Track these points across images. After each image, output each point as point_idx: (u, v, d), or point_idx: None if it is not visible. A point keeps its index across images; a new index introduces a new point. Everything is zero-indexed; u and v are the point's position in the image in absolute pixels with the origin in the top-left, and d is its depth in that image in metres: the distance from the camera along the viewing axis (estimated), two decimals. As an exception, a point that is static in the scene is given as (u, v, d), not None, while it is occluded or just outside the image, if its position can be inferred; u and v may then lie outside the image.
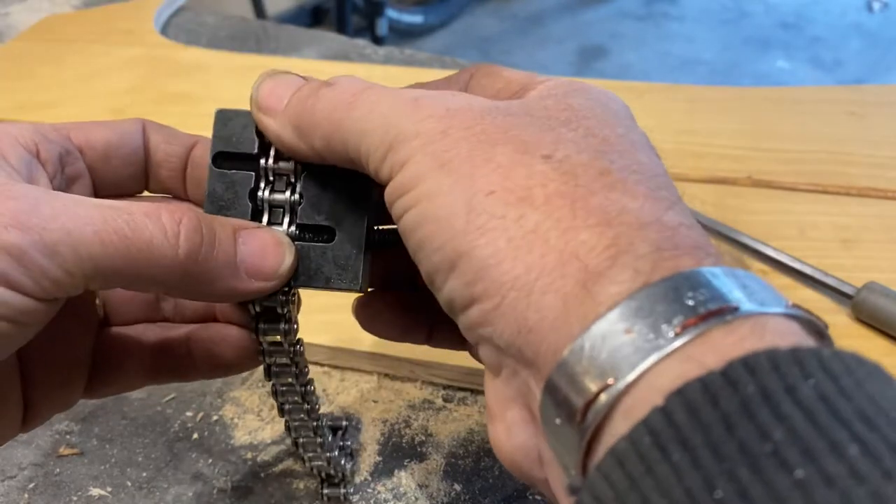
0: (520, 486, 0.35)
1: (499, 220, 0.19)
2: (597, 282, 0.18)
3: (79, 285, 0.20)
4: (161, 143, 0.27)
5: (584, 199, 0.19)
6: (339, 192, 0.24)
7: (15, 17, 0.83)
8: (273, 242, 0.23)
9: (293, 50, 0.75)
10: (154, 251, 0.20)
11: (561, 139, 0.21)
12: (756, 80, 2.13)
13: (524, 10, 2.58)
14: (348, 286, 0.24)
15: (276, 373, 0.27)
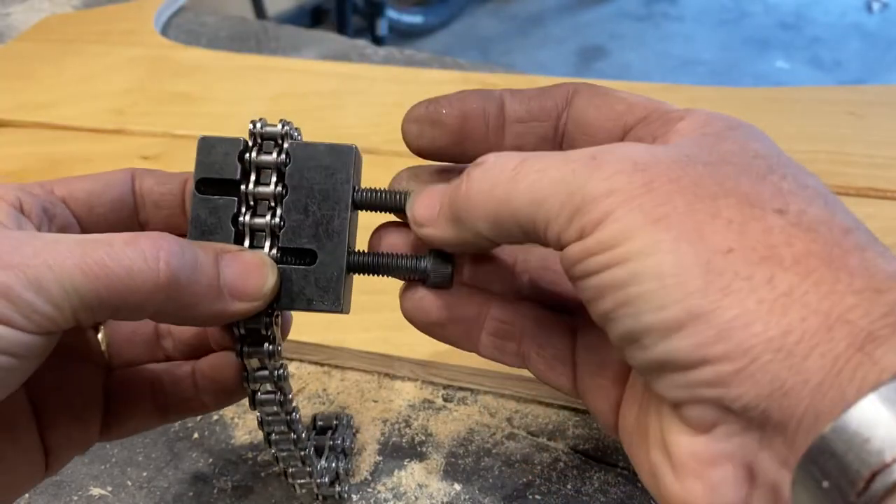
0: (520, 486, 0.35)
1: (744, 280, 0.18)
2: (879, 346, 0.17)
3: (68, 318, 0.20)
4: (154, 186, 0.27)
5: (842, 260, 0.19)
6: (319, 216, 0.25)
7: (15, 17, 0.83)
8: (255, 263, 0.24)
9: (293, 50, 0.75)
10: (135, 277, 0.21)
11: (782, 190, 0.20)
12: (756, 81, 2.13)
13: (524, 11, 2.58)
14: (330, 308, 0.25)
15: (262, 401, 0.27)
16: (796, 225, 0.19)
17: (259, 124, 0.25)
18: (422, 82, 0.63)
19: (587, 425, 0.37)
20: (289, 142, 0.25)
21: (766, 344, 0.18)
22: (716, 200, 0.20)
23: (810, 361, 0.18)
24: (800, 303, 0.18)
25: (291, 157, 0.25)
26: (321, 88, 0.63)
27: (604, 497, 0.34)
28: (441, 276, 0.26)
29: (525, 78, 0.63)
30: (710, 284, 0.19)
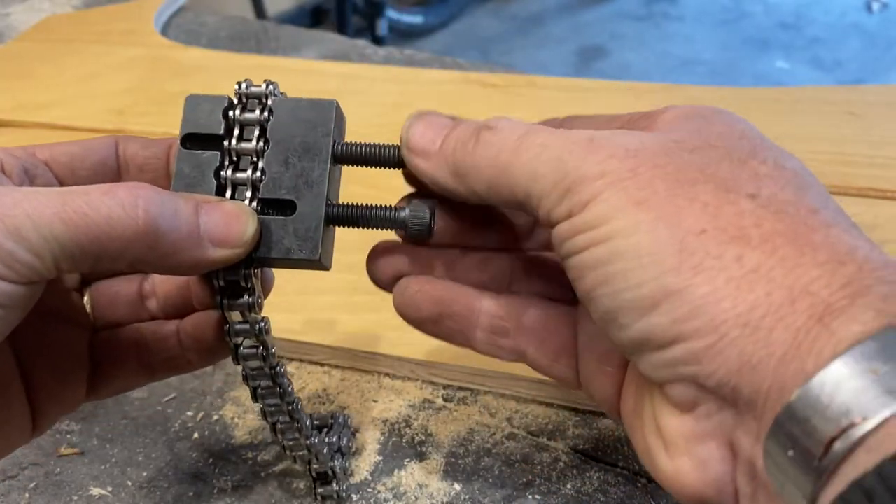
0: (520, 486, 0.35)
1: (715, 259, 0.19)
2: (836, 318, 0.18)
3: (50, 267, 0.21)
4: (139, 150, 0.27)
5: (807, 237, 0.19)
6: (300, 168, 0.25)
7: (15, 17, 0.83)
8: (235, 212, 0.24)
9: (293, 50, 0.75)
10: (114, 224, 0.21)
11: (759, 174, 0.21)
12: (755, 81, 2.13)
13: (524, 11, 2.58)
14: (307, 256, 0.25)
15: (244, 355, 0.27)
16: (766, 207, 0.20)
17: (244, 85, 0.26)
18: (422, 82, 0.63)
19: (587, 425, 0.37)
20: (272, 98, 0.26)
21: (734, 319, 0.19)
22: (695, 185, 0.21)
23: (775, 335, 0.18)
24: (766, 278, 0.19)
25: (274, 112, 0.26)
26: (321, 88, 0.63)
27: (604, 497, 0.34)
28: (419, 224, 0.26)
29: (525, 78, 0.63)
30: (683, 263, 0.19)
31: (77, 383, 0.28)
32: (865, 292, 0.18)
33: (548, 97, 0.60)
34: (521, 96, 0.61)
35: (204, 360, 0.29)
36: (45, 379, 0.27)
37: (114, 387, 0.29)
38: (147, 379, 0.30)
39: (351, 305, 0.42)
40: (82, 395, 0.28)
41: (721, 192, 0.20)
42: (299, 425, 0.31)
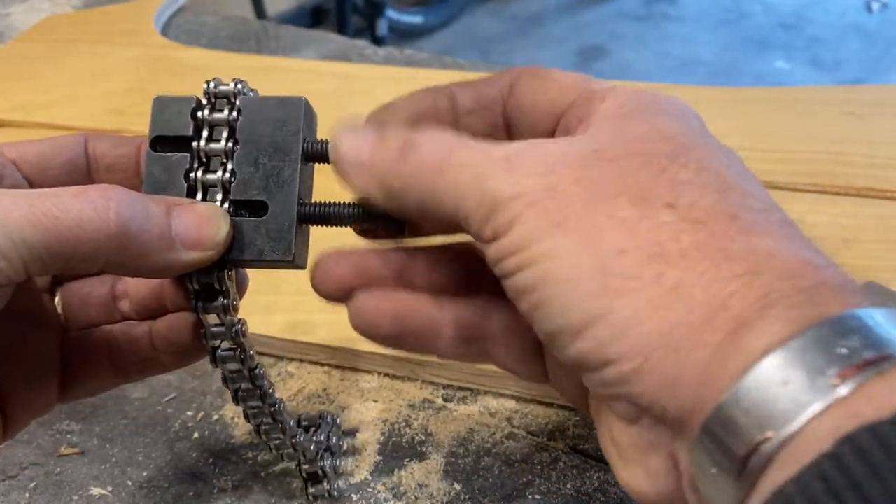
0: (519, 486, 0.35)
1: (635, 280, 0.19)
2: (746, 333, 0.17)
3: (18, 270, 0.20)
4: (108, 150, 0.27)
5: (725, 250, 0.19)
6: (270, 167, 0.25)
7: (15, 17, 0.83)
8: (207, 214, 0.24)
9: (293, 50, 0.75)
10: (85, 226, 0.21)
11: (678, 181, 0.20)
12: (755, 81, 2.13)
13: (524, 11, 2.58)
14: (280, 257, 0.24)
15: (222, 357, 0.27)
16: (685, 219, 0.20)
17: (213, 84, 0.26)
18: (422, 82, 0.63)
19: (587, 425, 0.37)
20: (240, 97, 0.26)
21: (657, 341, 0.18)
22: (614, 200, 0.20)
23: (694, 355, 0.18)
24: (686, 296, 0.18)
25: (242, 112, 0.25)
26: (321, 88, 0.63)
27: (604, 497, 0.34)
28: (391, 220, 0.25)
29: (525, 78, 0.63)
30: (604, 287, 0.19)
31: (48, 386, 0.27)
32: (776, 303, 0.18)
33: (548, 97, 0.60)
34: (520, 96, 0.61)
35: (178, 361, 0.29)
36: (14, 383, 0.26)
37: (86, 388, 0.29)
38: (120, 380, 0.29)
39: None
40: (54, 398, 0.28)
41: (639, 205, 0.20)
42: (283, 426, 0.30)
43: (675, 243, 0.19)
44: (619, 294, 0.19)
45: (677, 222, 0.20)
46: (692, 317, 0.18)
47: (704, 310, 0.18)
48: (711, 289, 0.18)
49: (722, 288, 0.18)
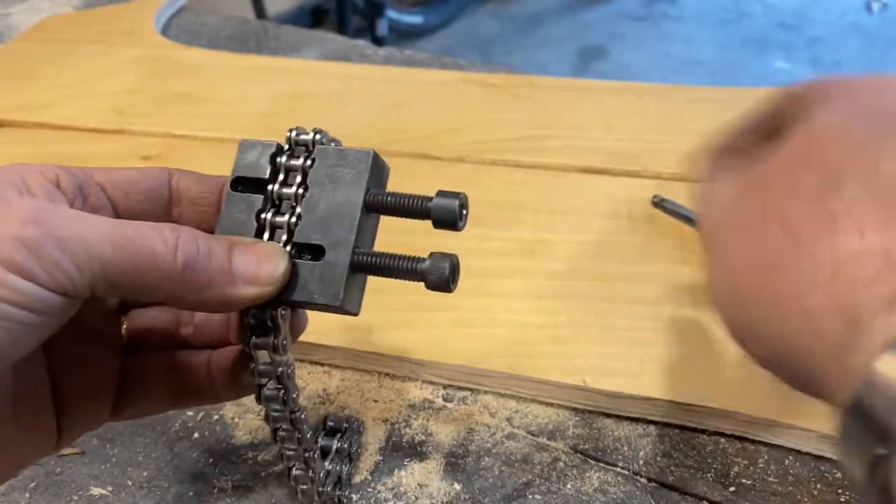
0: (519, 486, 0.35)
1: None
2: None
3: (87, 283, 0.21)
4: (192, 185, 0.29)
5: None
6: (334, 216, 0.26)
7: (16, 17, 0.83)
8: (267, 252, 0.25)
9: (293, 50, 0.75)
10: (156, 257, 0.22)
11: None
12: (755, 81, 2.13)
13: (524, 11, 2.58)
14: (328, 301, 0.25)
15: (267, 396, 0.28)
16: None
17: (295, 132, 0.27)
18: (422, 82, 0.63)
19: (587, 425, 0.37)
20: (317, 146, 0.27)
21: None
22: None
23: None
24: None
25: (317, 160, 0.27)
26: (321, 89, 0.63)
27: (604, 497, 0.34)
28: (439, 277, 0.26)
29: (525, 78, 0.63)
30: None
31: (103, 402, 0.28)
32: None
33: (547, 97, 0.60)
34: (520, 96, 0.61)
35: (231, 393, 0.30)
36: (74, 394, 0.27)
37: (138, 409, 0.30)
38: (171, 405, 0.30)
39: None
40: (107, 415, 0.29)
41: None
42: (312, 475, 0.31)
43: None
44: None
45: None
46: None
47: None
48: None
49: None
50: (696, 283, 0.43)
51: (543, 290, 0.43)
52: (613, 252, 0.45)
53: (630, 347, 0.39)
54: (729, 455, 0.36)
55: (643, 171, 0.52)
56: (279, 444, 0.30)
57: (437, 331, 0.41)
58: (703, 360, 0.38)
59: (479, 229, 0.47)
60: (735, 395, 0.36)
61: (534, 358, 0.39)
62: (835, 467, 0.35)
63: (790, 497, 0.34)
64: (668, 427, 0.37)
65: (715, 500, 0.34)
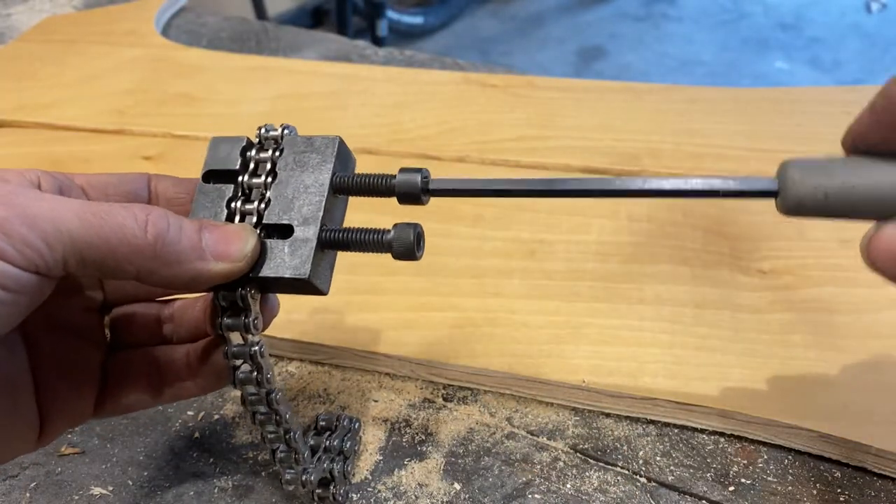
0: (519, 485, 0.35)
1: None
2: None
3: (58, 259, 0.22)
4: (169, 187, 0.30)
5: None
6: (301, 198, 0.27)
7: (16, 17, 0.83)
8: (236, 230, 0.26)
9: (294, 51, 0.75)
10: (126, 232, 0.23)
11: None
12: (755, 81, 2.13)
13: (524, 11, 2.58)
14: (296, 274, 0.26)
15: (242, 379, 0.28)
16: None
17: (264, 129, 0.29)
18: (422, 83, 0.63)
19: (587, 425, 0.37)
20: (286, 138, 0.29)
21: None
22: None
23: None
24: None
25: (285, 149, 0.28)
26: (322, 89, 0.63)
27: (603, 496, 0.34)
28: (404, 246, 0.27)
29: (525, 78, 0.63)
30: None
31: (86, 398, 0.29)
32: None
33: (547, 97, 0.61)
34: (520, 97, 0.61)
35: (210, 384, 0.30)
36: (56, 390, 0.28)
37: (121, 405, 0.30)
38: (154, 401, 0.31)
39: (351, 305, 0.42)
40: (90, 411, 0.29)
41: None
42: (297, 456, 0.31)
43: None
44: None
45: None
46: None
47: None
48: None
49: None
50: (695, 283, 0.43)
51: (543, 290, 0.43)
52: (613, 252, 0.45)
53: (630, 347, 0.39)
54: (728, 455, 0.36)
55: (643, 172, 0.52)
56: (260, 427, 0.30)
57: (437, 331, 0.41)
58: (703, 359, 0.38)
59: (479, 229, 0.47)
60: (735, 395, 0.36)
61: (534, 358, 0.39)
62: (834, 467, 0.35)
63: (790, 497, 0.34)
64: (668, 427, 0.37)
65: (714, 499, 0.34)
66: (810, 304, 0.41)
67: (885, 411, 0.35)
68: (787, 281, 0.43)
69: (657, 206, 0.49)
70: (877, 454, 0.34)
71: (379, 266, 0.44)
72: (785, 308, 0.41)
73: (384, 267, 0.45)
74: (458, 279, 0.44)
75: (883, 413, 0.35)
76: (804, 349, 0.39)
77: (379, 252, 0.28)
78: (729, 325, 0.40)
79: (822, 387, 0.37)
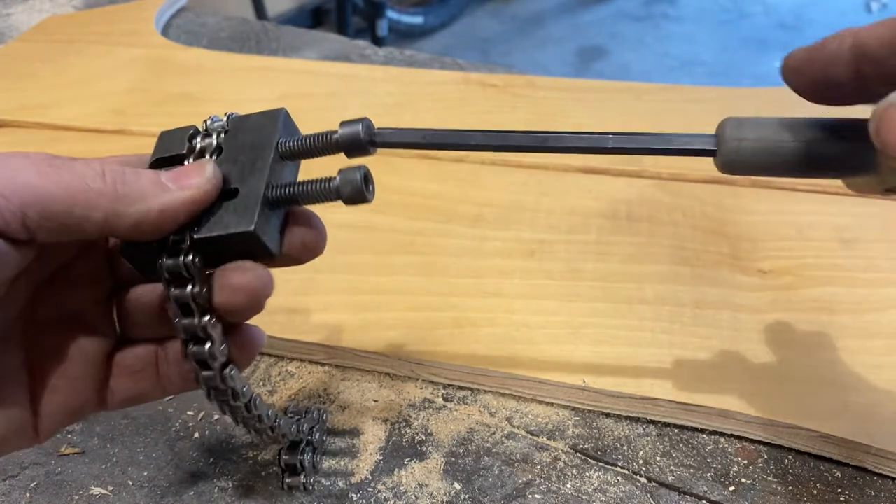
0: (519, 486, 0.35)
1: None
2: None
3: (17, 213, 0.21)
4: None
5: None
6: (246, 161, 0.27)
7: (16, 17, 0.83)
8: (192, 164, 0.26)
9: (293, 51, 0.75)
10: (86, 179, 0.23)
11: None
12: (755, 81, 2.13)
13: (524, 11, 2.58)
14: (243, 228, 0.25)
15: (195, 354, 0.26)
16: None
17: (210, 121, 0.29)
18: (422, 83, 0.63)
19: (587, 425, 0.37)
20: (230, 119, 0.29)
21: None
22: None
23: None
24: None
25: (230, 127, 0.28)
26: (322, 89, 0.63)
27: (603, 497, 0.34)
28: (353, 187, 0.26)
29: (525, 78, 0.63)
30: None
31: (88, 392, 0.28)
32: None
33: (547, 97, 0.61)
34: (520, 97, 0.61)
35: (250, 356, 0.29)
36: (55, 386, 0.27)
37: (124, 400, 0.29)
38: (160, 393, 0.30)
39: (351, 305, 0.42)
40: (92, 405, 0.28)
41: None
42: (260, 416, 0.30)
43: None
44: None
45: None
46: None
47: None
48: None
49: None
50: (695, 283, 0.43)
51: (543, 290, 0.43)
52: (613, 252, 0.45)
53: (630, 347, 0.39)
54: (729, 455, 0.36)
55: (643, 171, 0.52)
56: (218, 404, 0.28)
57: (437, 331, 0.41)
58: (703, 359, 0.38)
59: (479, 229, 0.47)
60: (735, 396, 0.36)
61: (534, 358, 0.39)
62: (835, 467, 0.35)
63: (790, 497, 0.34)
64: (668, 427, 0.37)
65: (715, 499, 0.34)
66: (810, 304, 0.41)
67: (886, 411, 0.35)
68: (787, 281, 0.43)
69: (657, 206, 0.49)
70: (877, 454, 0.34)
71: (379, 266, 0.44)
72: (785, 308, 0.41)
73: (384, 267, 0.45)
74: (458, 279, 0.44)
75: (883, 413, 0.35)
76: (804, 349, 0.39)
77: (328, 200, 0.27)
78: (729, 325, 0.40)
79: (822, 387, 0.37)
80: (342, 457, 0.36)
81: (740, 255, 0.45)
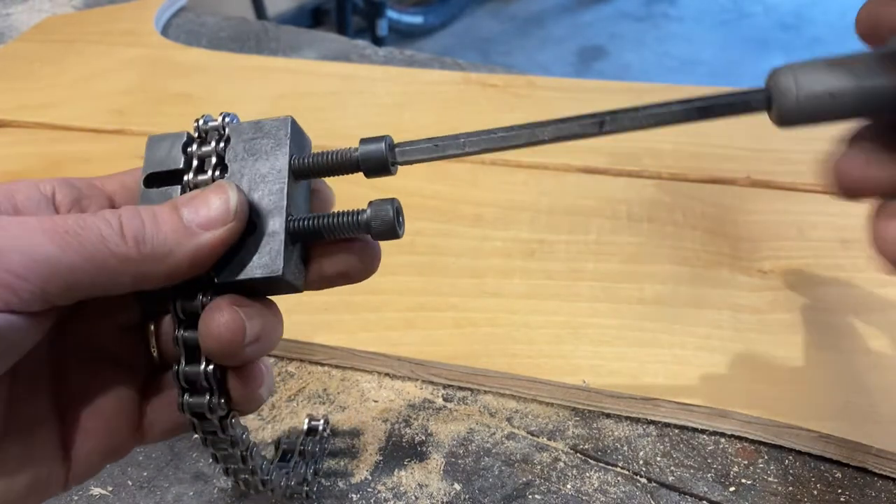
0: (519, 486, 0.35)
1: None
2: None
3: (35, 291, 0.20)
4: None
5: None
6: (259, 189, 0.24)
7: (16, 17, 0.83)
8: (212, 189, 0.23)
9: (293, 50, 0.75)
10: (106, 241, 0.21)
11: None
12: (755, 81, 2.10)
13: (524, 11, 2.58)
14: (269, 273, 0.23)
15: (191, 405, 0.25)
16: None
17: (202, 121, 0.26)
18: (422, 83, 0.63)
19: (587, 425, 0.37)
20: (229, 126, 0.25)
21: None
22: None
23: None
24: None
25: (232, 138, 0.25)
26: (321, 89, 0.63)
27: (604, 497, 0.34)
28: (384, 223, 0.24)
29: (525, 78, 0.63)
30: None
31: (124, 430, 0.26)
32: None
33: (547, 97, 0.60)
34: (520, 97, 0.61)
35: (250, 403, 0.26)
36: (87, 427, 0.25)
37: (165, 431, 0.27)
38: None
39: (351, 305, 0.42)
40: (130, 442, 0.26)
41: None
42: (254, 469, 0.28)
43: None
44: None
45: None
46: None
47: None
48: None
49: None
50: (695, 283, 0.43)
51: (543, 290, 0.43)
52: (613, 252, 0.45)
53: (630, 347, 0.39)
54: (729, 455, 0.36)
55: (643, 171, 0.52)
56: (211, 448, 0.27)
57: (437, 331, 0.41)
58: (703, 360, 0.38)
59: (479, 229, 0.47)
60: (735, 396, 0.36)
61: (534, 358, 0.39)
62: (835, 467, 0.35)
63: (790, 497, 0.34)
64: (669, 427, 0.37)
65: (715, 500, 0.34)
66: (810, 304, 0.41)
67: (886, 411, 0.35)
68: (788, 281, 0.43)
69: (657, 206, 0.49)
70: (877, 454, 0.34)
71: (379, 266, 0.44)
72: (785, 308, 0.41)
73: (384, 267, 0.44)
74: (458, 279, 0.44)
75: (883, 413, 0.35)
76: (804, 349, 0.39)
77: (356, 235, 0.25)
78: (729, 325, 0.40)
79: (822, 387, 0.37)
80: (342, 457, 0.36)
81: (740, 255, 0.45)
